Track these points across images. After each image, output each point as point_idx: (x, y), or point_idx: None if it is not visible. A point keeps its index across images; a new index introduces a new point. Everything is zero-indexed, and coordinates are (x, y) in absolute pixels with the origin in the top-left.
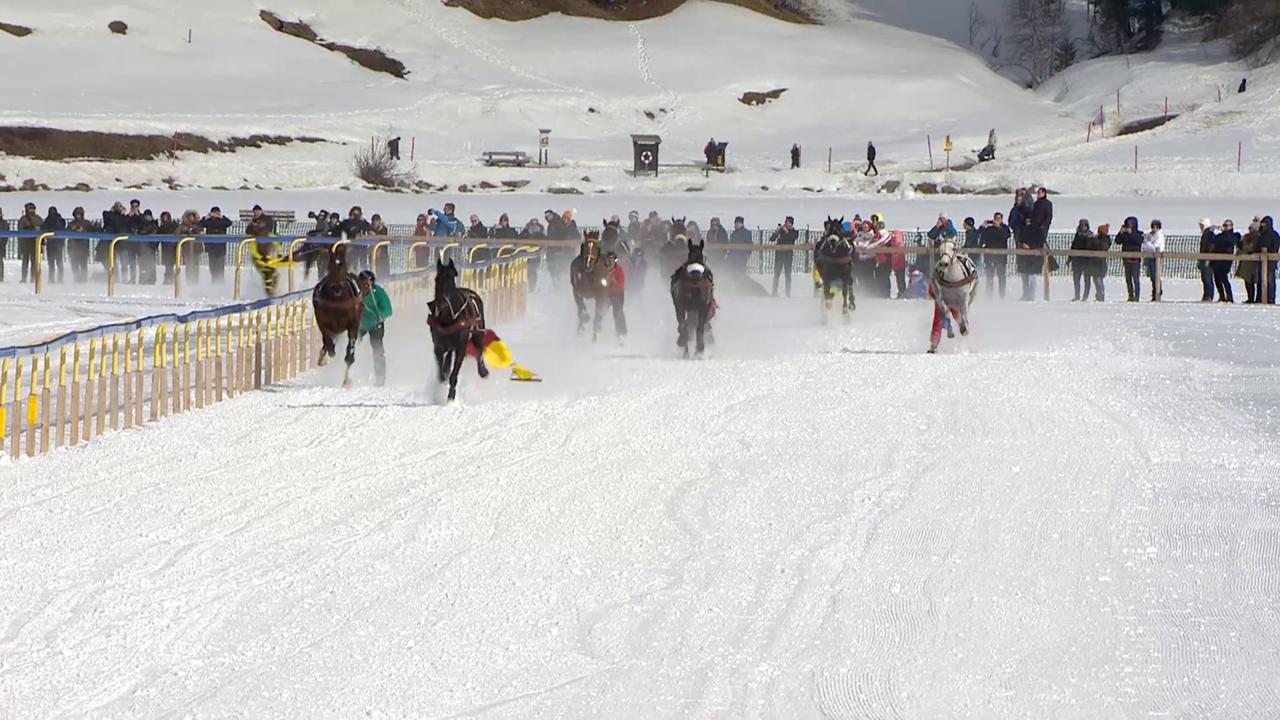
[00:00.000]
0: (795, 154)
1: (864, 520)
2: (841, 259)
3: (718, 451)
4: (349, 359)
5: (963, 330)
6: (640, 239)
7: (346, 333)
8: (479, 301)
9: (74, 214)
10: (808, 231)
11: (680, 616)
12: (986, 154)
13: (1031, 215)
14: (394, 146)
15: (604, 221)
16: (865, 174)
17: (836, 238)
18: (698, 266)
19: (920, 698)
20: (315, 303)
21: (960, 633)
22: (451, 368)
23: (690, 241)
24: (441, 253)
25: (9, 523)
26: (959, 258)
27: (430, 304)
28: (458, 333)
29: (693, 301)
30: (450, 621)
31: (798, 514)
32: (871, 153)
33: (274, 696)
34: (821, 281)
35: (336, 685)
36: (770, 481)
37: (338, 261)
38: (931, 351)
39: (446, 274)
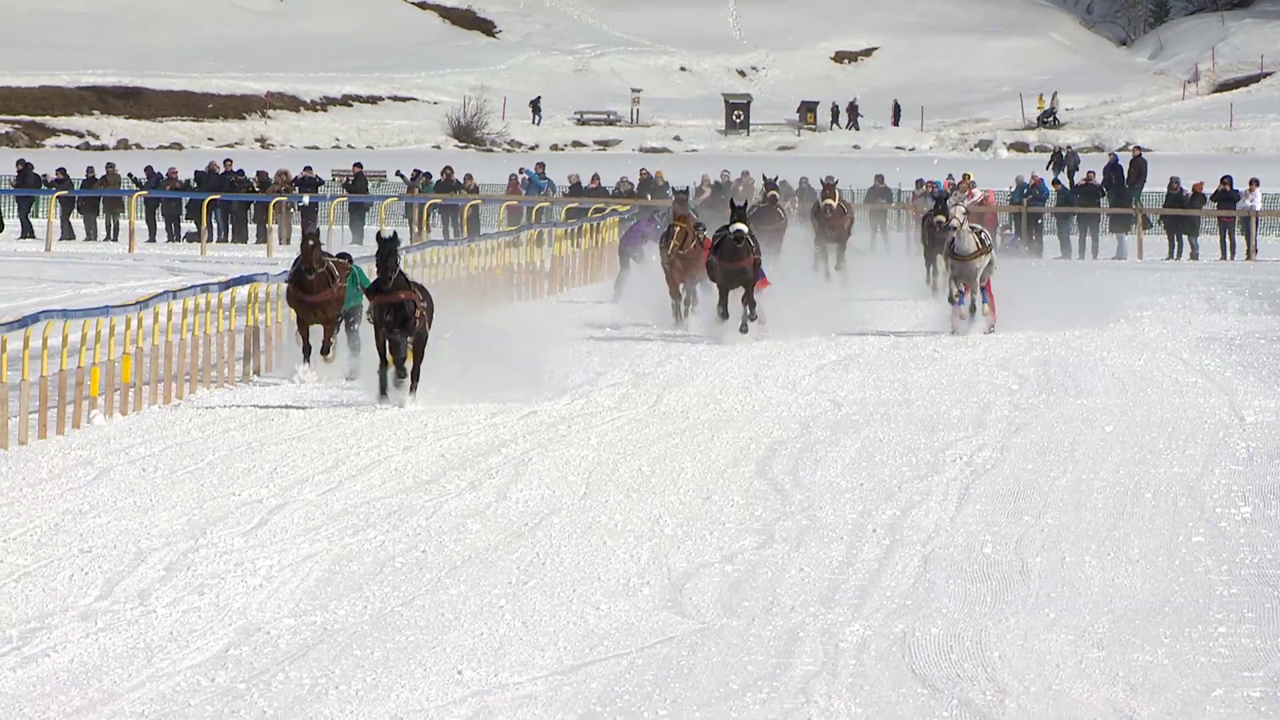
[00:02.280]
0: (853, 110)
1: (956, 480)
2: (946, 235)
3: (809, 411)
4: (324, 351)
5: (972, 309)
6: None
7: (323, 330)
8: (424, 293)
9: (167, 173)
10: (899, 191)
11: (771, 576)
12: (1047, 117)
13: (1125, 174)
14: (536, 106)
15: (673, 190)
16: (1045, 123)
17: (944, 217)
18: (740, 226)
19: (1012, 658)
20: (288, 291)
21: (1052, 592)
22: (402, 358)
23: (733, 201)
24: (533, 212)
25: (103, 481)
26: (972, 227)
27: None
28: (404, 303)
29: (736, 277)
30: (541, 581)
31: (889, 474)
32: (1051, 114)
33: (365, 655)
34: (927, 257)
35: (428, 644)
36: (862, 441)
37: (311, 242)
38: (955, 332)
39: (390, 253)
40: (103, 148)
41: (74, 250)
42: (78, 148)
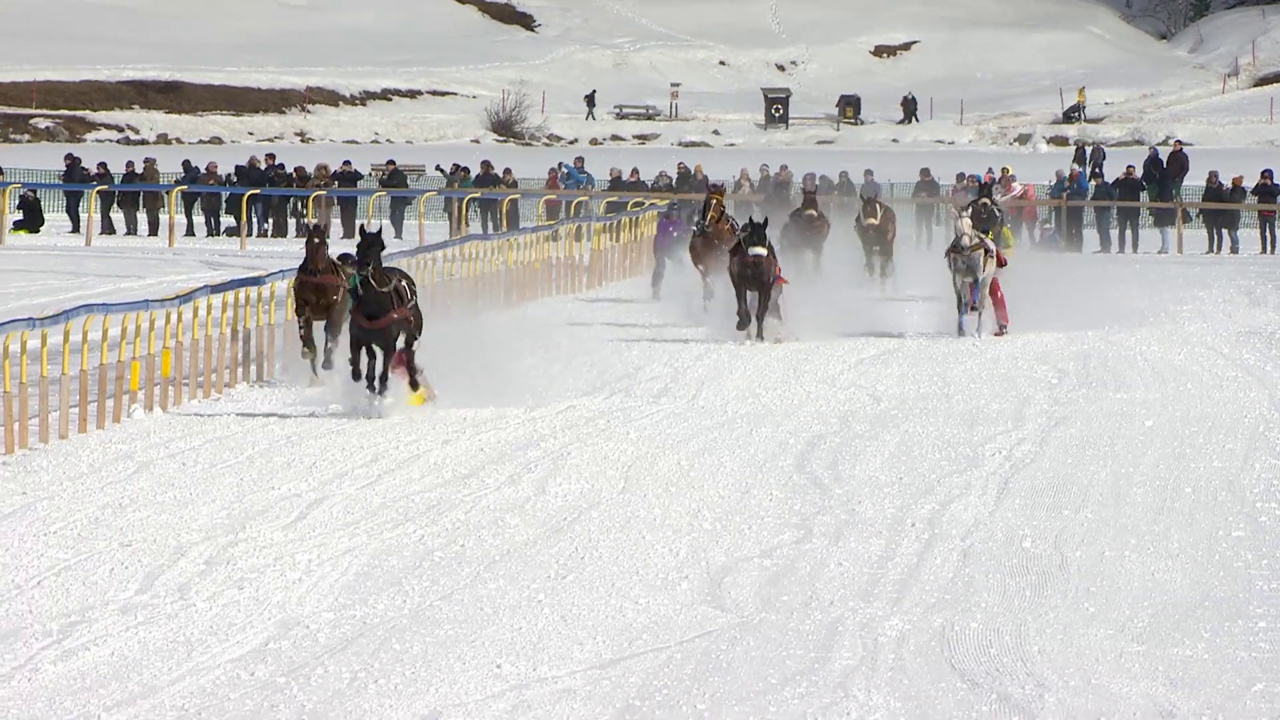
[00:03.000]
0: (910, 106)
1: (995, 474)
2: (991, 224)
3: (848, 405)
4: (326, 365)
5: (971, 308)
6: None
7: (327, 333)
8: (410, 285)
9: (206, 168)
10: (938, 183)
11: (810, 570)
12: (1073, 112)
13: (1165, 167)
14: (590, 100)
15: (708, 186)
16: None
17: (989, 201)
18: (759, 250)
19: (1051, 652)
20: (296, 282)
21: (1092, 587)
22: (372, 368)
23: (752, 219)
24: (572, 206)
25: (142, 476)
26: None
27: (351, 289)
28: (387, 327)
29: (752, 280)
30: (580, 575)
31: (928, 468)
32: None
33: (404, 649)
34: None
35: (467, 638)
36: (901, 436)
37: (316, 240)
38: (962, 332)
39: (371, 245)
40: (143, 142)
41: (114, 244)
42: (118, 142)
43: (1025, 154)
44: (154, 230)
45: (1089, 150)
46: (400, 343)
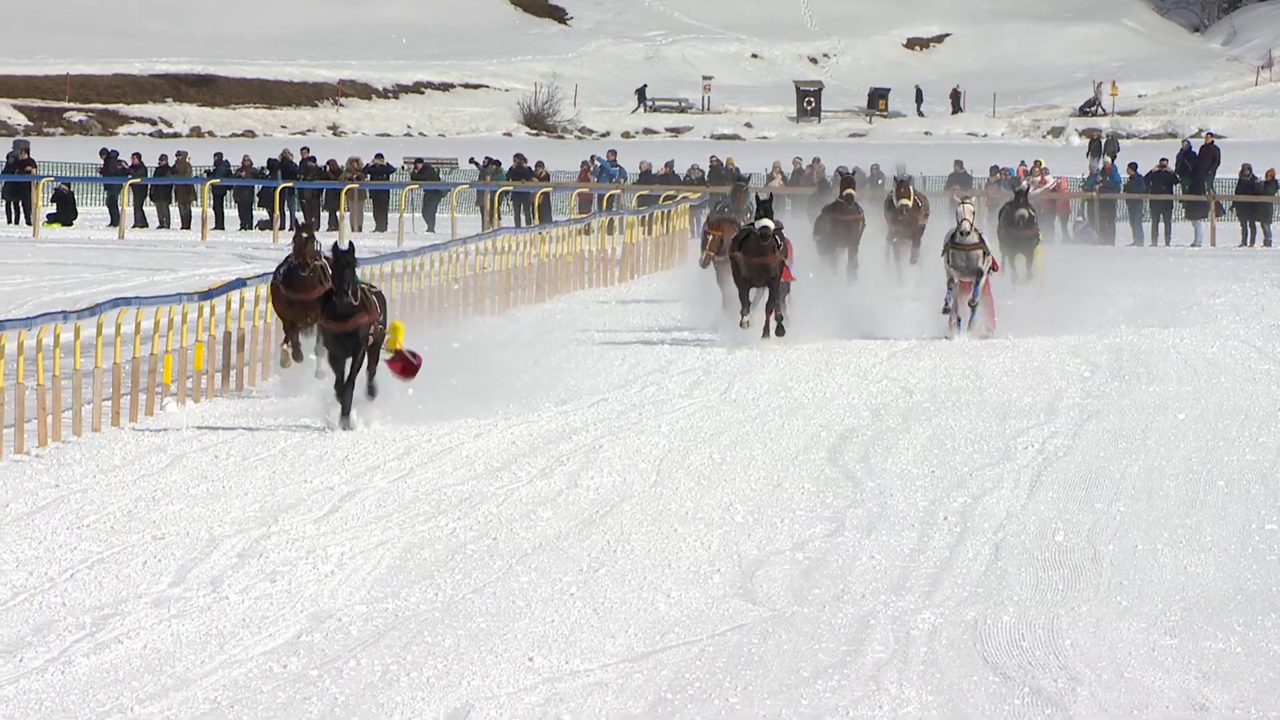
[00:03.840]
0: (956, 98)
1: (1027, 467)
2: (1028, 231)
3: (880, 398)
4: (319, 373)
5: (971, 305)
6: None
7: (317, 339)
8: (380, 299)
9: (242, 161)
10: (971, 175)
11: (842, 564)
12: (1089, 106)
13: (1198, 160)
14: (641, 94)
15: (735, 177)
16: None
17: (1025, 211)
18: (767, 222)
19: (1084, 645)
20: (276, 289)
21: (1124, 580)
22: (348, 375)
23: (758, 196)
24: (604, 199)
25: (175, 468)
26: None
27: (322, 297)
28: (355, 330)
29: (758, 275)
30: (612, 568)
31: (960, 461)
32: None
33: (437, 642)
34: (1004, 251)
35: (499, 631)
36: (933, 428)
37: (304, 235)
38: (950, 336)
39: (346, 265)
40: (176, 135)
41: (147, 238)
42: (151, 135)
43: (1058, 147)
44: (186, 224)
45: (1104, 141)
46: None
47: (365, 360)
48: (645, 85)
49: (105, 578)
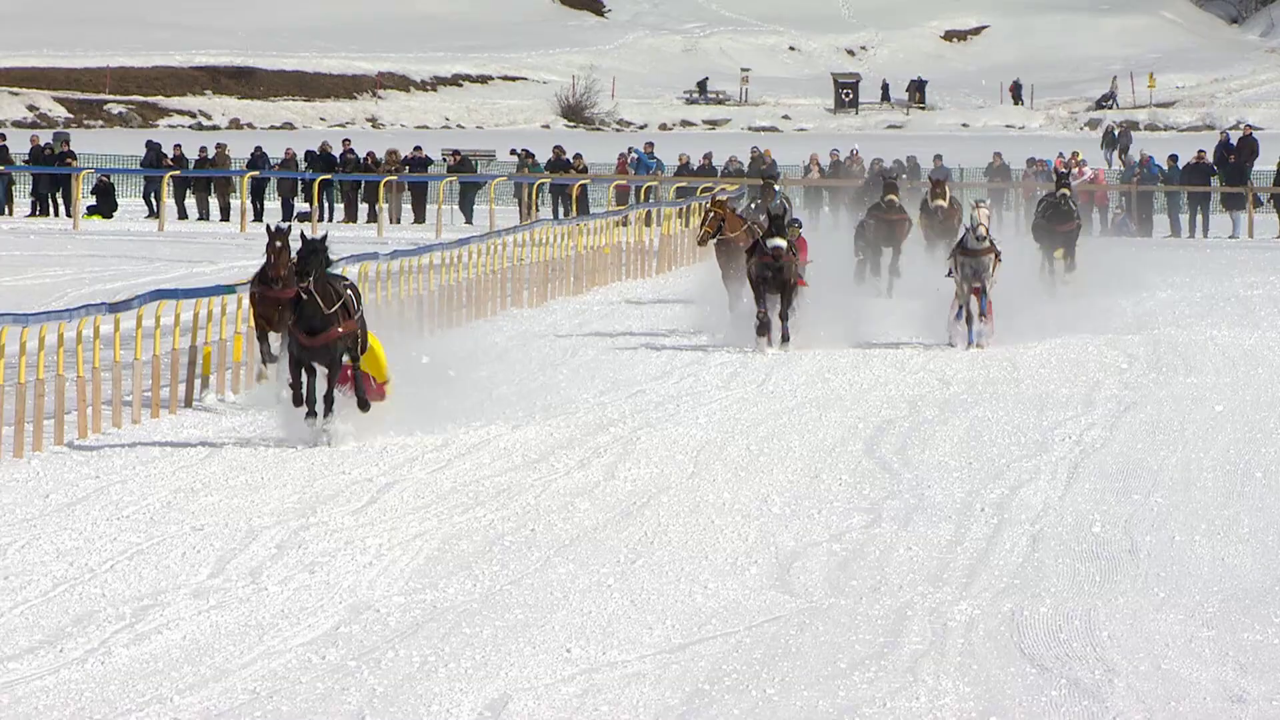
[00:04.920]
0: (1017, 90)
1: (1064, 459)
2: (1068, 224)
3: (917, 390)
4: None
5: (973, 316)
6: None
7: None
8: (356, 294)
9: (285, 154)
10: (1009, 166)
11: (879, 555)
12: (1105, 99)
13: (1236, 152)
14: (702, 86)
15: (762, 177)
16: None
17: (1068, 192)
18: (779, 242)
19: (1121, 637)
20: (252, 293)
21: (1162, 572)
22: (316, 390)
23: (770, 210)
24: (642, 191)
25: (214, 460)
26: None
27: (293, 299)
28: (331, 343)
29: (772, 282)
30: (649, 559)
31: (997, 453)
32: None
33: (475, 633)
34: (1041, 250)
35: (537, 622)
36: (970, 420)
37: (279, 244)
38: (953, 344)
39: (313, 251)
40: (215, 128)
41: (186, 230)
42: (190, 128)
43: (1095, 139)
44: (225, 216)
45: (1116, 132)
46: (346, 359)
47: (340, 370)
48: (706, 78)
49: (145, 569)
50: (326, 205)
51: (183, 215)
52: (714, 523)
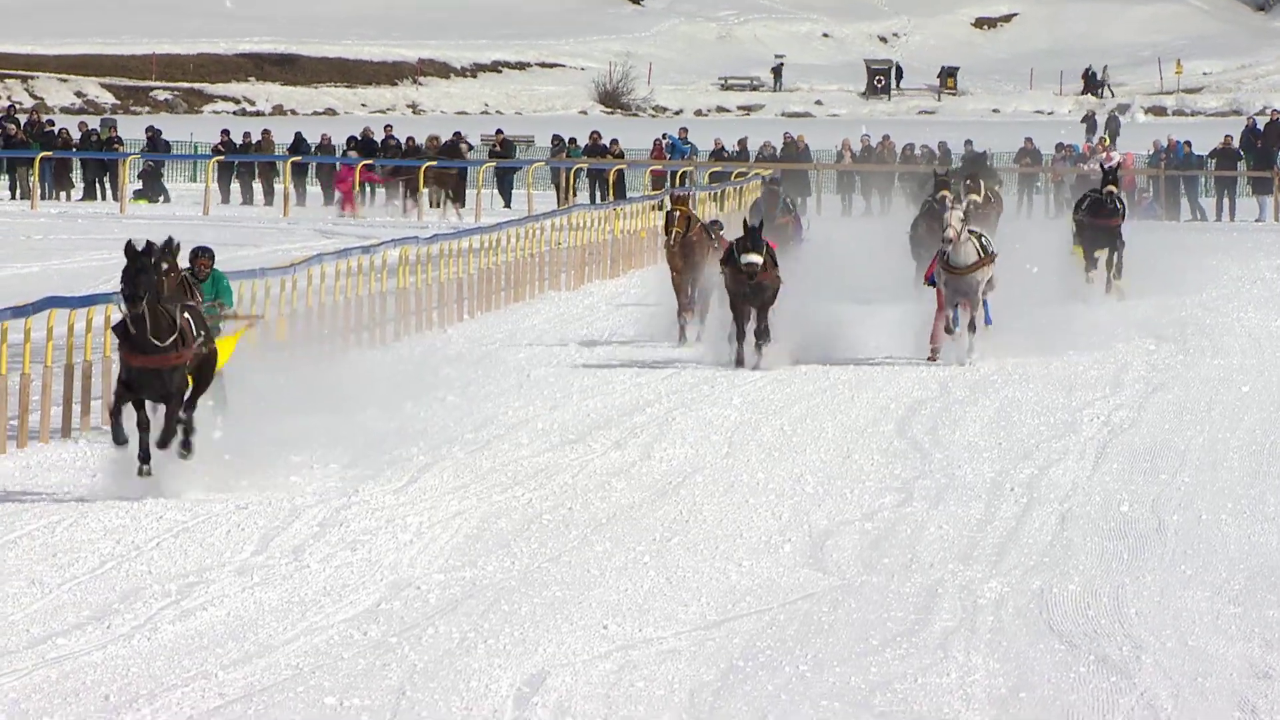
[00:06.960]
0: (1090, 77)
1: (1093, 439)
2: (1112, 220)
3: (947, 371)
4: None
5: (971, 327)
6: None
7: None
8: (197, 316)
9: (322, 138)
10: (1039, 151)
11: (911, 533)
12: (1098, 88)
13: (1262, 137)
14: (778, 71)
15: (763, 179)
16: (1095, 95)
17: (1113, 189)
18: (754, 258)
19: (1148, 614)
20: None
21: (1188, 550)
22: (149, 423)
23: (746, 221)
24: (677, 176)
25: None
26: (972, 231)
27: (118, 323)
28: (171, 367)
29: (752, 296)
30: (685, 538)
31: (1027, 433)
32: (1092, 77)
33: (513, 610)
34: (1083, 251)
35: (574, 599)
36: (1000, 401)
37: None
38: (932, 359)
39: (141, 271)
40: (259, 114)
41: (231, 214)
42: (234, 114)
43: (1124, 123)
44: (269, 200)
45: (1105, 118)
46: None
47: (180, 398)
48: (781, 64)
49: (190, 546)
50: (368, 190)
51: (226, 199)
52: (748, 502)
